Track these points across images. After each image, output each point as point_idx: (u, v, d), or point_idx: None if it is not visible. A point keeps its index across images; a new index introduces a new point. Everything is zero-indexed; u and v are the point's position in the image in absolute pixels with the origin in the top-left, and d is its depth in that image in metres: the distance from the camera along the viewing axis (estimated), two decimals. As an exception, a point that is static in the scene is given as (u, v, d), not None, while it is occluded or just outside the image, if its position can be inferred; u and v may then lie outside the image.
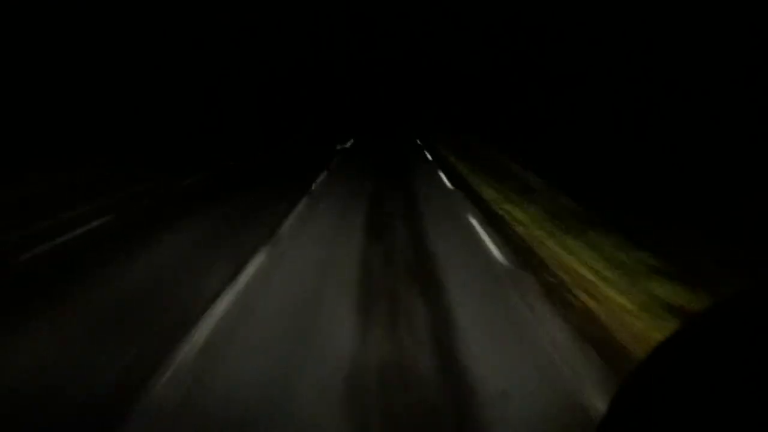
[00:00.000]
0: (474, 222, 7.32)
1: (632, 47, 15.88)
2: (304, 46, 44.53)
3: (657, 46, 14.60)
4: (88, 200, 7.66)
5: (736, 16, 11.57)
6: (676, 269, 5.28)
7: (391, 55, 55.15)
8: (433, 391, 2.88)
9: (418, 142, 22.49)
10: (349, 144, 19.97)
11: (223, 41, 28.13)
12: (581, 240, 6.49)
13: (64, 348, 3.14)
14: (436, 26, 52.28)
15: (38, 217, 6.24)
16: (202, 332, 3.38)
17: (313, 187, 9.57)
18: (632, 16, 15.92)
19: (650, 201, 8.55)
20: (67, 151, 12.96)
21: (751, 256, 5.43)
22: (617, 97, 16.05)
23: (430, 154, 17.32)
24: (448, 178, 11.91)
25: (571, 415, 2.77)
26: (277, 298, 4.13)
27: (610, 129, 15.42)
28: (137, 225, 6.48)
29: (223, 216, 7.09)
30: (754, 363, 0.34)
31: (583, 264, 5.54)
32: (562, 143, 16.50)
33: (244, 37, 31.17)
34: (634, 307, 4.36)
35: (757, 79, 10.45)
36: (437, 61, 49.03)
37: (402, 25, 56.34)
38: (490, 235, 6.57)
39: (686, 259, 5.56)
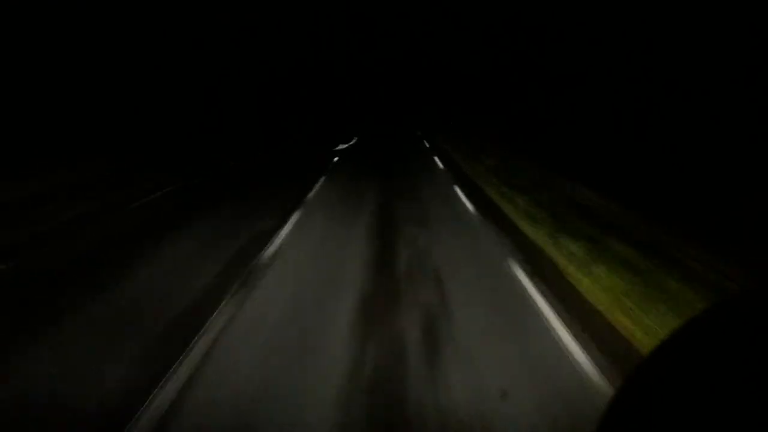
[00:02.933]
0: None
1: (632, 47, 15.87)
2: (304, 46, 44.52)
3: (657, 46, 14.59)
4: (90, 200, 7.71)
5: (736, 16, 11.56)
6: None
7: (390, 54, 55.20)
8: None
9: (426, 144, 21.43)
10: (348, 145, 19.95)
11: (223, 41, 28.14)
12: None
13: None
14: (436, 26, 52.29)
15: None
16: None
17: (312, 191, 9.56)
18: (632, 17, 15.91)
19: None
20: (67, 151, 12.97)
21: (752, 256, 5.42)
22: (617, 97, 16.05)
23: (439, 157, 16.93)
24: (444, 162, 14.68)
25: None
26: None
27: (609, 128, 15.42)
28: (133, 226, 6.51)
29: (222, 212, 7.10)
30: (754, 363, 0.34)
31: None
32: (561, 142, 16.48)
33: (244, 37, 31.18)
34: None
35: (757, 79, 10.44)
36: (437, 61, 49.07)
37: (402, 25, 56.36)
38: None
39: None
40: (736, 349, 0.36)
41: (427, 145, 20.35)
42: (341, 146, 18.74)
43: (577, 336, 3.56)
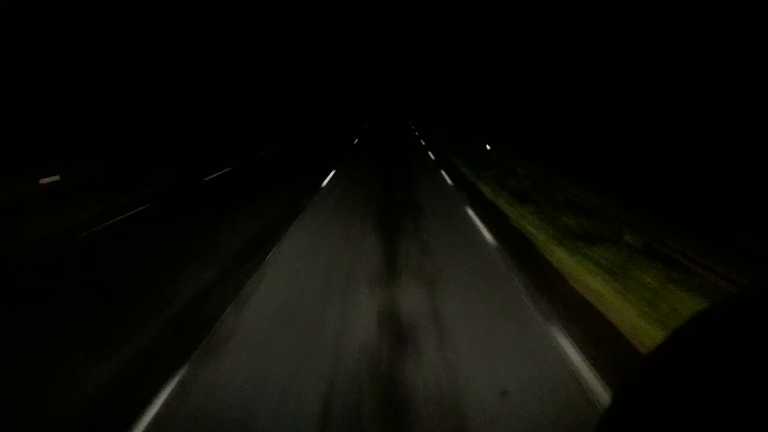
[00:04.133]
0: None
1: (632, 47, 15.87)
2: (305, 46, 44.58)
3: (657, 45, 14.59)
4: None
5: (737, 15, 11.56)
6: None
7: (390, 55, 55.23)
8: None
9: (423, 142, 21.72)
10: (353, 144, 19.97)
11: (223, 41, 28.20)
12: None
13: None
14: (437, 26, 52.36)
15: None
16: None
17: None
18: (632, 16, 15.91)
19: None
20: (76, 151, 13.02)
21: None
22: (616, 95, 16.04)
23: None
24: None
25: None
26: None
27: (609, 124, 15.43)
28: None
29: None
30: (755, 363, 0.34)
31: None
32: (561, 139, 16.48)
33: (243, 37, 31.25)
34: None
35: (758, 78, 10.44)
36: (437, 61, 49.10)
37: (402, 24, 56.37)
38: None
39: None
40: (736, 349, 0.36)
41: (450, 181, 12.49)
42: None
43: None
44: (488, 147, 14.20)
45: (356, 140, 21.65)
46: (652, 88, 14.49)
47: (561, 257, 5.60)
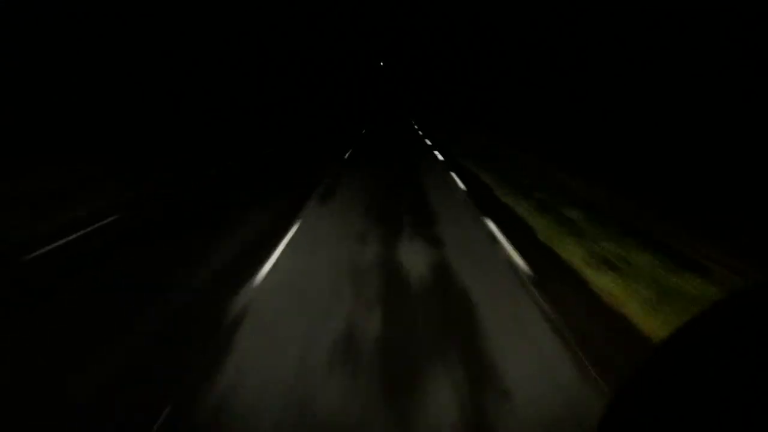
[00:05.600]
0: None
1: (632, 47, 15.84)
2: (305, 46, 44.57)
3: (657, 45, 14.57)
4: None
5: (737, 15, 11.53)
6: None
7: (390, 54, 55.22)
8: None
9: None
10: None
11: (223, 41, 28.18)
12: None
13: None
14: (437, 26, 52.33)
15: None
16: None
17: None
18: (632, 15, 15.89)
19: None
20: (75, 150, 13.01)
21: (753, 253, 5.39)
22: (616, 95, 16.02)
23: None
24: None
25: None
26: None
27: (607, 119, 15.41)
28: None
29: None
30: (754, 363, 0.34)
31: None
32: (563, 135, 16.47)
33: (243, 37, 31.22)
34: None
35: (758, 77, 10.42)
36: (437, 61, 49.06)
37: (402, 24, 56.34)
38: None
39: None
40: (736, 349, 0.36)
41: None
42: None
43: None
44: None
45: (355, 146, 21.37)
46: (652, 88, 14.47)
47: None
